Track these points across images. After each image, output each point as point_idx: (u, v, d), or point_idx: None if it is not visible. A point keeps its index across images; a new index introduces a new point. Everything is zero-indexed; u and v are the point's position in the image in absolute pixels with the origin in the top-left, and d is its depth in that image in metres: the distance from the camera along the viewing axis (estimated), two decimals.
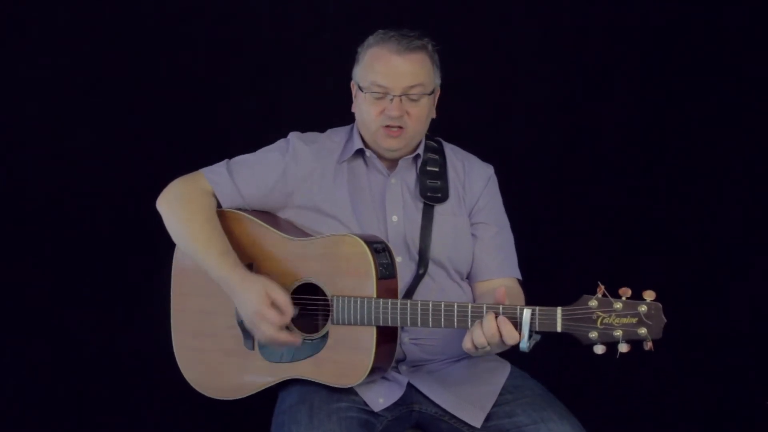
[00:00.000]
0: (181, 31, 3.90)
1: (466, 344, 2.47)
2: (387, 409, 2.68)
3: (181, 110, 3.89)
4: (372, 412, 2.66)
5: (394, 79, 2.74)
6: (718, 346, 3.92)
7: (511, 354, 2.53)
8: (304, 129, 2.93)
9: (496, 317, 2.41)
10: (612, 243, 4.00)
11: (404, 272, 2.74)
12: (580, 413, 2.67)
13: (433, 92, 2.82)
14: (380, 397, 2.69)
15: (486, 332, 2.40)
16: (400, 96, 2.73)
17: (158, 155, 3.82)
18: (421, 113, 2.78)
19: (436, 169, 2.87)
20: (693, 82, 3.91)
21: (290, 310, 2.60)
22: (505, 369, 2.82)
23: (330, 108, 3.12)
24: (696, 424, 3.97)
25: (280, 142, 2.90)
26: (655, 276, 3.87)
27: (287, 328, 2.63)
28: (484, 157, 3.01)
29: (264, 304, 2.58)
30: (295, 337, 2.62)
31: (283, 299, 2.60)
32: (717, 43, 3.89)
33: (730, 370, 3.94)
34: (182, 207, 2.79)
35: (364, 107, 2.80)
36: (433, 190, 2.84)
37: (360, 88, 2.82)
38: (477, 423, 2.67)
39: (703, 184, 3.94)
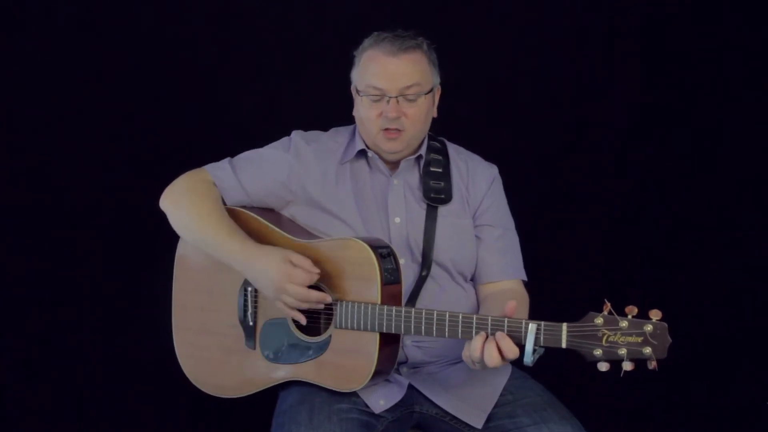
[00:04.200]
0: (182, 30, 3.89)
1: (465, 357, 2.48)
2: (388, 410, 2.68)
3: (181, 109, 3.88)
4: (372, 414, 2.65)
5: (389, 81, 2.73)
6: (718, 347, 3.93)
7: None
8: (306, 128, 2.92)
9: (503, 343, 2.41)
10: (613, 244, 4.01)
11: (407, 274, 2.73)
12: (581, 414, 2.69)
13: (431, 91, 2.81)
14: (381, 399, 2.68)
15: (487, 358, 2.40)
16: (396, 97, 2.72)
17: (159, 154, 3.82)
18: (418, 113, 2.76)
19: (440, 170, 2.87)
20: (695, 82, 3.91)
21: (315, 269, 2.59)
22: (506, 370, 2.82)
23: (331, 107, 3.11)
24: (696, 424, 3.98)
25: (284, 140, 2.89)
26: (657, 276, 3.89)
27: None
28: (486, 159, 3.00)
29: (288, 265, 2.57)
30: (326, 295, 2.60)
31: (305, 261, 2.59)
32: (718, 43, 3.89)
33: (730, 370, 3.95)
34: (187, 198, 2.79)
35: (362, 110, 2.80)
36: (436, 191, 2.83)
37: (357, 91, 2.82)
38: (478, 424, 2.67)
39: (707, 185, 3.95)
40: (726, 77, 3.90)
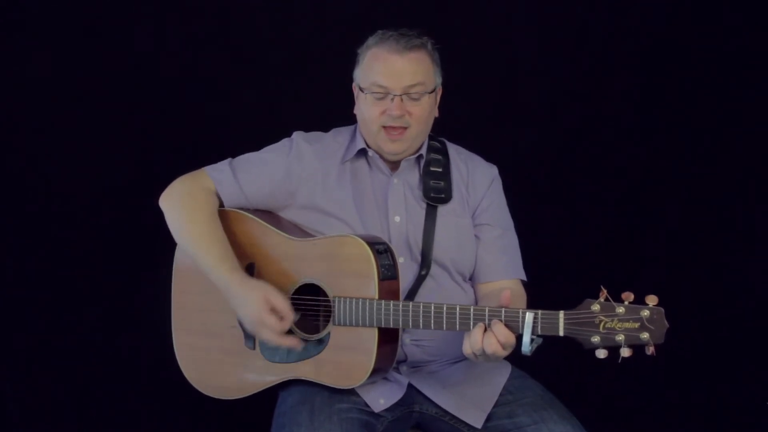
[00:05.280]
0: (182, 30, 3.90)
1: (466, 350, 2.47)
2: (387, 409, 2.68)
3: (182, 109, 3.88)
4: (373, 413, 2.65)
5: (394, 79, 2.73)
6: (718, 347, 3.93)
7: (512, 354, 2.50)
8: (306, 128, 2.92)
9: (496, 328, 2.41)
10: (613, 245, 4.01)
11: (406, 273, 2.72)
12: (581, 413, 2.67)
13: (434, 91, 2.81)
14: (381, 398, 2.68)
15: (486, 345, 2.40)
16: (400, 95, 2.72)
17: (159, 154, 3.83)
18: (422, 113, 2.76)
19: (440, 170, 2.86)
20: (695, 82, 3.92)
21: (290, 316, 2.59)
22: (505, 369, 2.81)
23: (332, 107, 3.11)
24: (696, 424, 3.98)
25: (284, 142, 2.89)
26: (657, 276, 3.89)
27: (289, 331, 2.63)
28: (486, 159, 3.00)
29: (264, 311, 2.57)
30: (297, 342, 2.61)
31: (283, 305, 2.58)
32: (718, 44, 3.90)
33: (730, 370, 3.95)
34: (184, 206, 2.78)
35: (365, 108, 2.79)
36: (436, 190, 2.83)
37: (361, 89, 2.81)
38: (478, 423, 2.67)
39: (707, 185, 3.95)
40: (726, 77, 3.91)
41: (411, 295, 2.72)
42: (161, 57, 3.87)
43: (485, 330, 2.42)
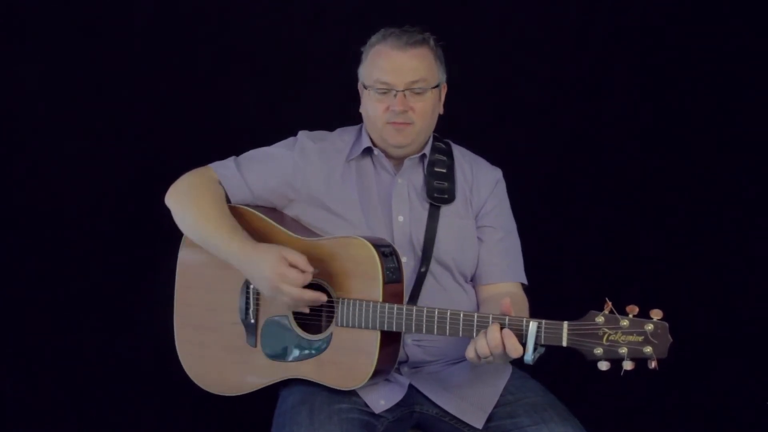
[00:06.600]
0: (183, 29, 3.89)
1: (469, 353, 2.47)
2: (388, 410, 2.68)
3: (183, 109, 3.88)
4: (373, 414, 2.65)
5: (396, 75, 2.75)
6: (718, 347, 3.93)
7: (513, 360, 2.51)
8: (306, 128, 2.93)
9: (501, 329, 2.40)
10: (613, 245, 4.01)
11: (409, 273, 2.73)
12: (581, 414, 2.69)
13: (437, 87, 2.82)
14: (381, 399, 2.69)
15: (490, 343, 2.40)
16: (403, 91, 2.74)
17: (162, 153, 3.81)
18: (425, 108, 2.78)
19: (444, 170, 2.88)
20: (695, 82, 3.92)
21: (310, 268, 2.58)
22: (506, 370, 2.82)
23: (334, 107, 3.12)
24: (696, 424, 3.98)
25: (289, 140, 2.90)
26: (657, 276, 3.89)
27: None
28: (486, 159, 3.01)
29: (283, 265, 2.56)
30: (320, 295, 2.60)
31: (301, 259, 2.57)
32: (718, 44, 3.89)
33: (730, 370, 3.95)
34: (190, 196, 2.79)
35: (369, 105, 2.81)
36: (439, 191, 2.84)
37: (365, 87, 2.83)
38: (478, 424, 2.67)
39: (707, 186, 3.95)
40: (726, 77, 3.90)
41: (413, 294, 2.73)
42: (161, 57, 3.86)
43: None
